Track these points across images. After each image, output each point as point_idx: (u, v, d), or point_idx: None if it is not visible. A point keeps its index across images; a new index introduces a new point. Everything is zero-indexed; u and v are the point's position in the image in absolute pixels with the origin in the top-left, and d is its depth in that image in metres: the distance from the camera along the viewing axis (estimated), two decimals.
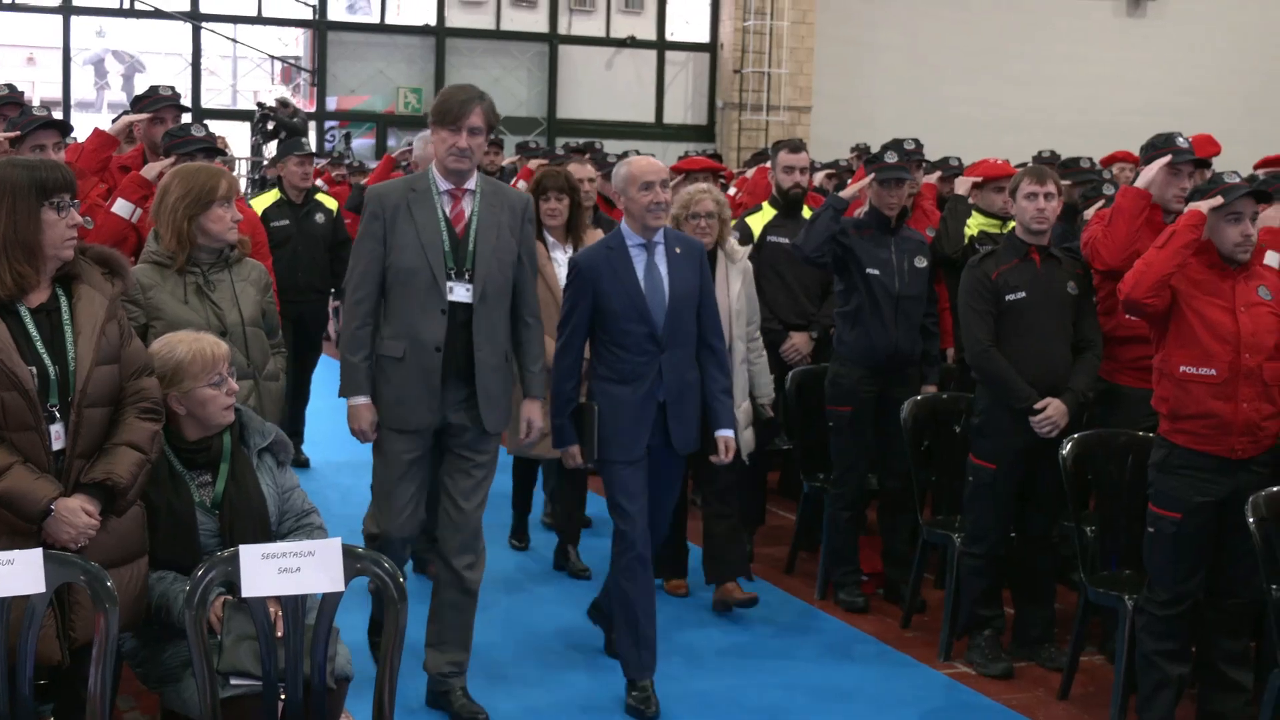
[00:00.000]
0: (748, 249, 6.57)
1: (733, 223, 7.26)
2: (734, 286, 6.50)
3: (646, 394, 5.18)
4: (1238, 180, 5.29)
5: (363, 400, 4.97)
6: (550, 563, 7.48)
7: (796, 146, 8.21)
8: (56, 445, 3.77)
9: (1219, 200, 5.17)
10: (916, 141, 8.09)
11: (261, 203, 8.64)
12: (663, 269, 5.25)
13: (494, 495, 5.51)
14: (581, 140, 13.75)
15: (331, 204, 9.19)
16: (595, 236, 6.85)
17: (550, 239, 6.81)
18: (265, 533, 4.18)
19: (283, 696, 3.74)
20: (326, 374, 8.81)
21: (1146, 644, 5.31)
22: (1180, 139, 6.13)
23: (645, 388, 5.18)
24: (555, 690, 5.73)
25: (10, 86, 6.51)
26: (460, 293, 4.85)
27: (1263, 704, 4.96)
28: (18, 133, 5.69)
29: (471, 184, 4.99)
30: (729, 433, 5.43)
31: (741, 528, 6.91)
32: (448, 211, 4.94)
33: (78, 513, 3.71)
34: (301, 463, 9.20)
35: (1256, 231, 5.24)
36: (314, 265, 8.54)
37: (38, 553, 3.51)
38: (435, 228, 4.87)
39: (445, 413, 4.96)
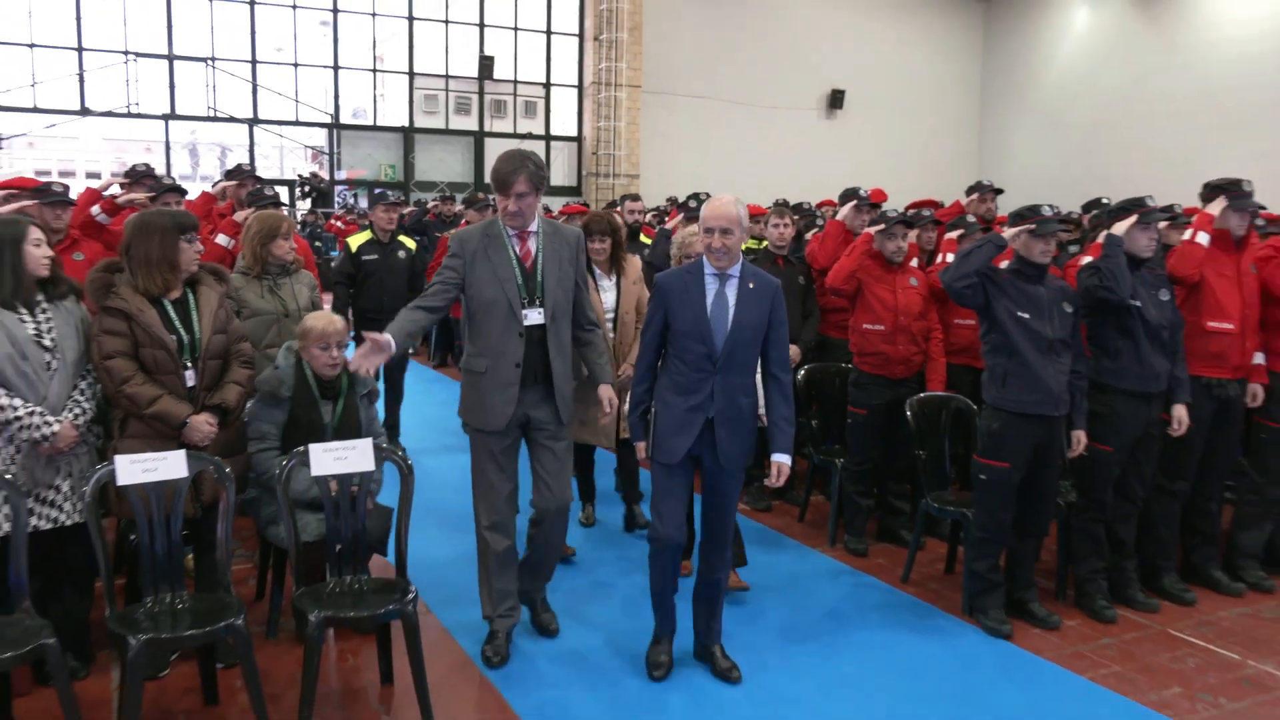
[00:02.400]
0: None
1: None
2: None
3: (695, 407, 3.74)
4: (894, 214, 5.47)
5: (386, 336, 3.68)
6: (617, 527, 5.77)
7: (636, 197, 8.28)
8: (190, 384, 3.74)
9: (883, 225, 5.36)
10: (706, 194, 8.20)
11: (356, 241, 7.21)
12: (731, 299, 3.76)
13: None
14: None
15: (411, 244, 7.43)
16: (635, 263, 5.53)
17: (597, 271, 5.39)
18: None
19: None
20: (414, 379, 8.02)
21: (848, 488, 5.50)
22: (862, 190, 6.28)
23: (696, 402, 3.74)
24: (621, 625, 4.39)
25: (147, 165, 6.31)
26: (534, 316, 3.96)
27: (916, 521, 5.15)
28: (154, 194, 5.56)
29: (534, 227, 4.01)
30: (782, 458, 3.85)
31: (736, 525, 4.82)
32: (517, 251, 3.98)
33: (203, 425, 3.70)
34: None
35: (907, 245, 5.43)
36: (397, 291, 6.95)
37: (182, 453, 3.50)
38: (509, 266, 3.96)
39: (527, 411, 4.02)
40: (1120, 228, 4.60)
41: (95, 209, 5.28)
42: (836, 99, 20.00)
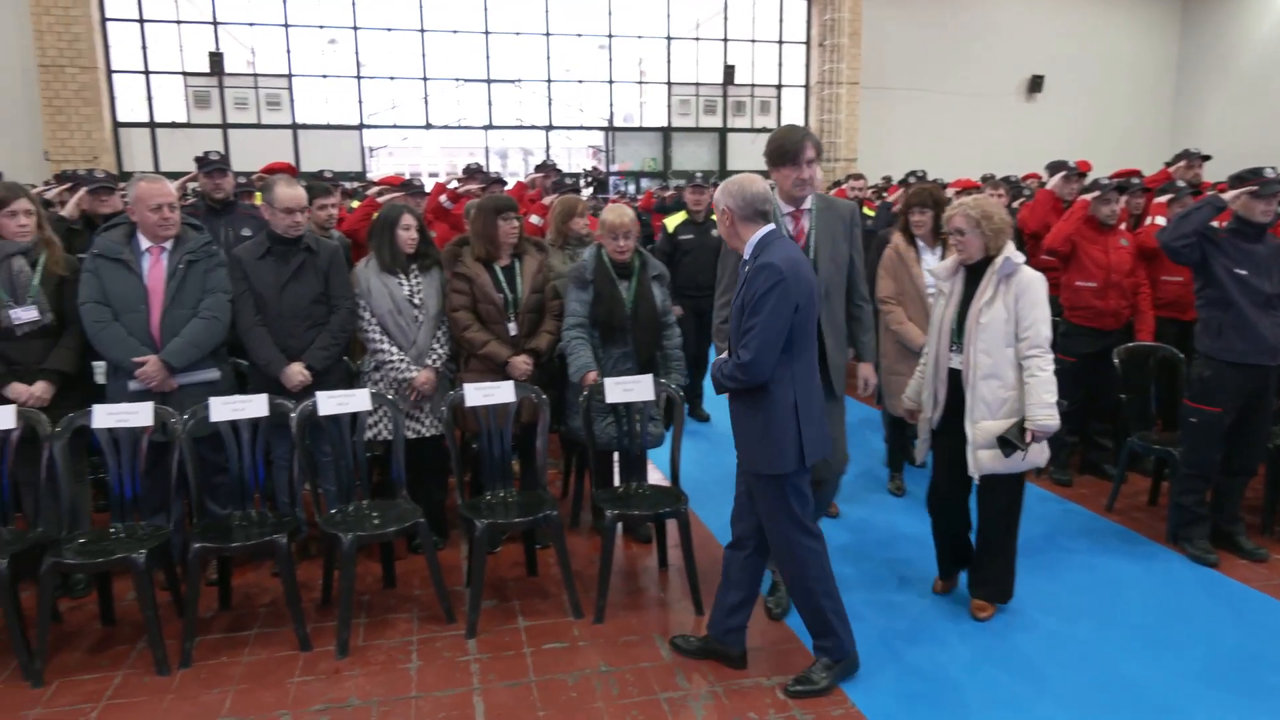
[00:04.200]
0: (1021, 259, 3.36)
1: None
2: (983, 297, 3.25)
3: None
4: (1105, 181, 4.88)
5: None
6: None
7: (859, 176, 7.87)
8: (512, 332, 3.86)
9: (1097, 192, 4.79)
10: (923, 171, 7.68)
11: (672, 222, 6.07)
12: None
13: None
14: None
15: None
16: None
17: (920, 243, 4.39)
18: (655, 314, 3.93)
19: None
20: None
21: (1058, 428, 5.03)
22: (1070, 162, 5.68)
23: None
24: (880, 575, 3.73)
25: (478, 164, 6.65)
26: None
27: (1119, 457, 4.66)
28: (484, 185, 5.82)
29: (808, 204, 3.23)
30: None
31: (1013, 552, 3.45)
32: (791, 229, 3.21)
33: (520, 364, 3.82)
34: (703, 417, 6.34)
35: (1119, 209, 4.84)
36: (711, 266, 5.29)
37: (511, 383, 3.62)
38: None
39: None
40: None
41: (442, 198, 5.60)
42: (1036, 83, 18.23)
